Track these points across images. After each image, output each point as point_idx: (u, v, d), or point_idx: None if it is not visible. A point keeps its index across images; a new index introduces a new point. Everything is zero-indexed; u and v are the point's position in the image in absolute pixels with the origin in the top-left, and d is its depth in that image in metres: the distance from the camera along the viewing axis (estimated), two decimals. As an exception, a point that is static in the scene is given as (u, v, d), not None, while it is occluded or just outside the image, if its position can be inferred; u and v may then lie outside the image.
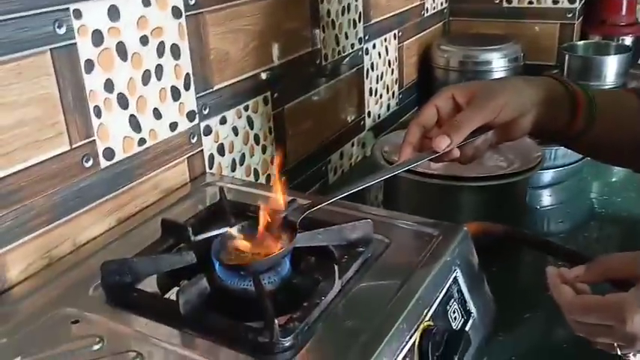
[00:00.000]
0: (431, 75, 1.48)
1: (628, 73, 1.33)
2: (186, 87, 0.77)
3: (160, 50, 0.72)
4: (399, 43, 1.36)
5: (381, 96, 1.31)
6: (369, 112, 1.26)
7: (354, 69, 1.18)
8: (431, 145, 0.60)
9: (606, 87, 1.29)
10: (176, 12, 0.73)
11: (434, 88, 1.46)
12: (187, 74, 0.77)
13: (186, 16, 0.75)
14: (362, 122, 1.25)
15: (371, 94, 1.26)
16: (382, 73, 1.30)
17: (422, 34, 1.48)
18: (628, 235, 0.99)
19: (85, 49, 0.63)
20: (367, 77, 1.24)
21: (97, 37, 0.64)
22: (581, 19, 1.55)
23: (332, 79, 1.10)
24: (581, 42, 1.44)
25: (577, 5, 1.48)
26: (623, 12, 1.51)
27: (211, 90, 0.81)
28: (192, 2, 0.75)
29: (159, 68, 0.72)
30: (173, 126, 0.76)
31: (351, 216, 0.65)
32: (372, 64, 1.25)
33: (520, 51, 1.43)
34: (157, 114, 0.73)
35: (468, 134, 0.60)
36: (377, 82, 1.28)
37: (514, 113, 0.62)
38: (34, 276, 0.61)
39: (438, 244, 0.63)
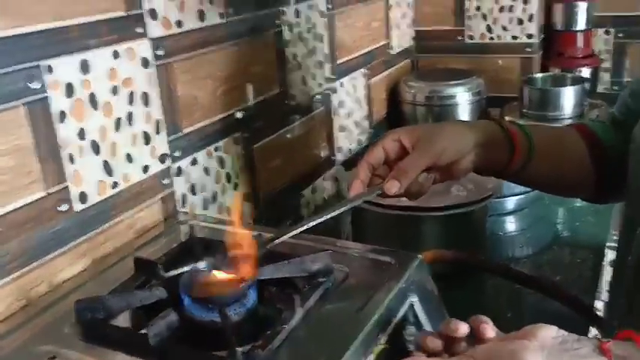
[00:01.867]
0: (400, 110, 1.54)
1: (584, 103, 1.39)
2: (157, 131, 0.81)
3: (131, 99, 0.77)
4: (367, 81, 1.42)
5: (351, 132, 1.36)
6: (339, 148, 1.31)
7: (323, 107, 1.24)
8: (378, 181, 0.67)
9: (564, 116, 1.36)
10: (145, 62, 0.78)
11: (403, 122, 1.52)
12: (157, 120, 0.81)
13: (156, 65, 0.80)
14: (332, 157, 1.29)
15: (341, 131, 1.32)
16: (351, 110, 1.36)
17: (390, 71, 1.55)
18: (588, 258, 1.03)
19: (58, 102, 0.67)
20: (336, 114, 1.29)
21: (69, 90, 0.68)
22: (540, 52, 1.63)
23: (300, 117, 1.16)
24: (540, 74, 1.52)
25: (535, 40, 1.56)
26: (580, 44, 1.59)
27: (181, 133, 0.86)
28: (161, 53, 0.80)
29: (130, 115, 0.77)
30: (145, 169, 0.80)
31: (313, 248, 0.69)
32: (341, 101, 1.31)
33: (483, 85, 1.50)
34: (129, 158, 0.77)
35: (413, 177, 0.66)
36: (346, 119, 1.34)
37: (454, 156, 0.68)
38: (12, 317, 0.64)
39: (394, 272, 0.67)
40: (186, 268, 0.68)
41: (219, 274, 0.63)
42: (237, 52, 0.96)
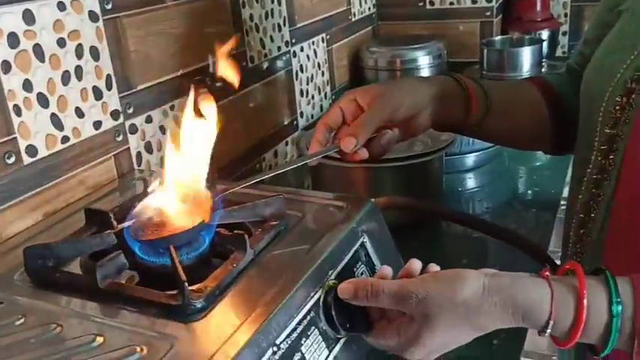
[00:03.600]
0: (362, 76, 1.54)
1: (542, 64, 1.42)
2: (109, 87, 0.80)
3: (79, 52, 0.76)
4: (327, 46, 1.42)
5: (312, 97, 1.37)
6: (301, 113, 1.32)
7: (283, 71, 1.23)
8: (336, 142, 0.67)
9: (522, 77, 1.38)
10: (93, 16, 0.77)
11: (366, 89, 1.53)
12: (108, 75, 0.80)
13: (104, 19, 0.79)
14: (295, 122, 1.30)
15: (302, 95, 1.32)
16: (312, 75, 1.36)
17: (351, 37, 1.55)
18: (544, 212, 1.05)
19: (2, 51, 0.66)
20: (297, 79, 1.29)
21: (13, 40, 0.67)
22: (500, 17, 1.65)
23: (260, 80, 1.15)
24: (499, 37, 1.53)
25: (494, 4, 1.58)
26: (538, 8, 1.61)
27: (134, 90, 0.85)
28: (109, 7, 0.79)
29: (78, 69, 0.76)
30: (97, 124, 0.79)
31: (267, 197, 0.69)
32: (302, 66, 1.30)
33: (443, 48, 1.51)
34: (80, 113, 0.76)
35: (370, 133, 0.67)
36: (307, 84, 1.34)
37: (410, 111, 0.68)
38: (-40, 269, 0.64)
39: (347, 215, 0.68)
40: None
41: (170, 216, 0.63)
42: (190, 10, 0.95)
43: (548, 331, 0.49)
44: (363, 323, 0.56)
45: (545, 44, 1.47)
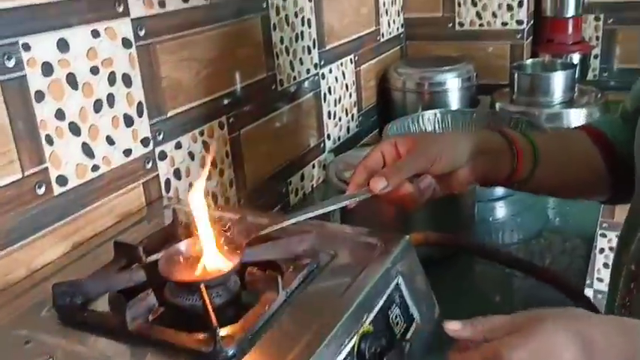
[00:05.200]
0: (389, 97, 1.52)
1: (575, 89, 1.39)
2: (139, 114, 0.80)
3: (111, 79, 0.75)
4: (355, 68, 1.41)
5: (340, 119, 1.35)
6: (328, 135, 1.30)
7: (311, 93, 1.22)
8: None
9: (554, 102, 1.35)
10: (126, 43, 0.77)
11: (393, 109, 1.51)
12: (140, 102, 0.79)
13: (137, 46, 0.78)
14: (322, 144, 1.28)
15: (330, 117, 1.30)
16: (340, 97, 1.34)
17: (379, 57, 1.54)
18: (578, 245, 1.02)
19: (35, 80, 0.65)
20: (325, 101, 1.28)
21: (47, 69, 0.67)
22: (530, 39, 1.62)
23: (289, 103, 1.14)
24: (530, 61, 1.51)
25: (525, 27, 1.55)
26: (570, 31, 1.58)
27: (165, 117, 0.84)
28: (142, 33, 0.79)
29: (110, 97, 0.75)
30: (127, 152, 0.78)
31: (298, 231, 0.68)
32: (330, 88, 1.29)
33: (473, 71, 1.49)
34: (110, 141, 0.76)
35: (402, 178, 0.65)
36: (335, 106, 1.32)
37: (450, 163, 0.66)
38: (-11, 301, 0.63)
39: (381, 253, 0.66)
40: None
41: (201, 257, 0.62)
42: (222, 34, 0.94)
43: None
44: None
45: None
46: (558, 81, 1.34)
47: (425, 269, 0.69)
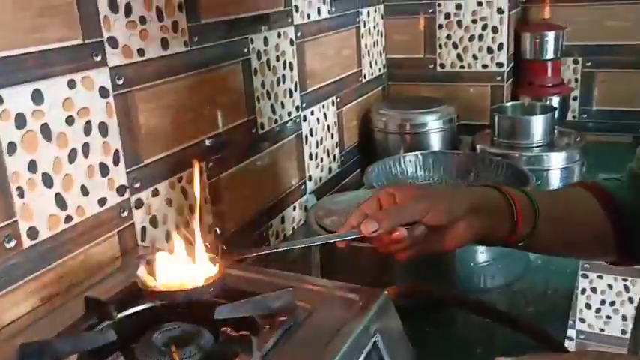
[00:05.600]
0: (372, 138, 1.53)
1: (554, 131, 1.40)
2: (116, 163, 0.79)
3: (87, 129, 0.74)
4: (337, 109, 1.41)
5: (321, 160, 1.35)
6: (309, 176, 1.30)
7: (293, 135, 1.22)
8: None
9: (534, 144, 1.36)
10: (103, 92, 0.76)
11: (375, 150, 1.51)
12: (116, 150, 0.78)
13: (115, 95, 0.78)
14: (303, 186, 1.28)
15: (311, 159, 1.30)
16: (322, 138, 1.34)
17: (361, 98, 1.54)
18: (561, 286, 1.02)
19: (8, 133, 0.64)
20: (306, 143, 1.28)
21: (20, 121, 0.66)
22: (510, 81, 1.64)
23: (269, 146, 1.14)
24: (510, 103, 1.52)
25: (505, 69, 1.57)
26: (549, 74, 1.61)
27: (142, 164, 0.83)
28: (121, 82, 0.78)
29: (86, 146, 0.74)
30: (102, 201, 0.77)
31: (275, 284, 0.67)
32: (311, 129, 1.29)
33: (454, 112, 1.50)
34: (85, 191, 0.74)
35: (394, 224, 0.64)
36: (317, 147, 1.32)
37: (443, 216, 0.65)
38: (-47, 360, 0.61)
39: (359, 310, 0.64)
40: (141, 307, 0.65)
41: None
42: (202, 80, 0.94)
43: None
44: None
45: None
46: (538, 124, 1.35)
47: (407, 320, 0.68)
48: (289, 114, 1.20)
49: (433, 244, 0.67)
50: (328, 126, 1.37)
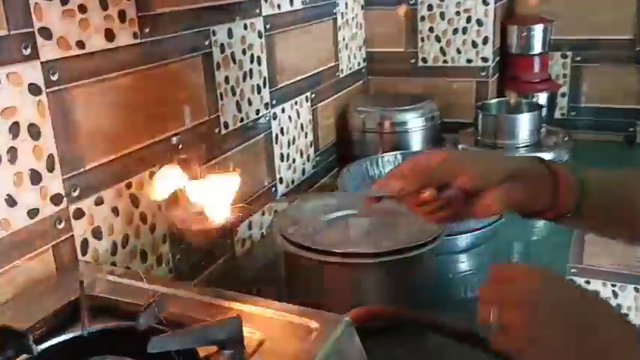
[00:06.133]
0: (349, 137, 1.45)
1: (541, 130, 1.33)
2: (50, 169, 0.70)
3: (14, 131, 0.66)
4: (312, 105, 1.33)
5: (294, 160, 1.27)
6: (280, 178, 1.21)
7: (262, 135, 1.14)
8: None
9: (520, 144, 1.29)
10: (34, 89, 0.67)
11: (352, 149, 1.43)
12: (50, 155, 0.70)
13: (48, 92, 0.69)
14: (273, 189, 1.19)
15: (282, 160, 1.22)
16: (294, 137, 1.26)
17: (339, 94, 1.46)
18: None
19: None
20: (277, 142, 1.19)
21: None
22: (496, 76, 1.57)
23: (235, 147, 1.05)
24: (495, 100, 1.45)
25: (490, 64, 1.50)
26: (536, 69, 1.53)
27: (83, 169, 0.74)
28: (55, 78, 0.70)
29: (12, 151, 0.65)
30: (32, 213, 0.68)
31: (221, 308, 0.60)
32: (282, 128, 1.21)
33: (436, 110, 1.43)
34: (11, 201, 0.66)
35: (419, 184, 0.61)
36: (288, 147, 1.24)
37: (475, 180, 0.61)
38: None
39: (316, 339, 0.57)
40: (66, 337, 0.57)
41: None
42: (155, 75, 0.85)
43: None
44: None
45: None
46: (524, 123, 1.28)
47: (373, 341, 0.62)
48: (257, 112, 1.12)
49: (465, 209, 0.63)
50: (302, 124, 1.29)
